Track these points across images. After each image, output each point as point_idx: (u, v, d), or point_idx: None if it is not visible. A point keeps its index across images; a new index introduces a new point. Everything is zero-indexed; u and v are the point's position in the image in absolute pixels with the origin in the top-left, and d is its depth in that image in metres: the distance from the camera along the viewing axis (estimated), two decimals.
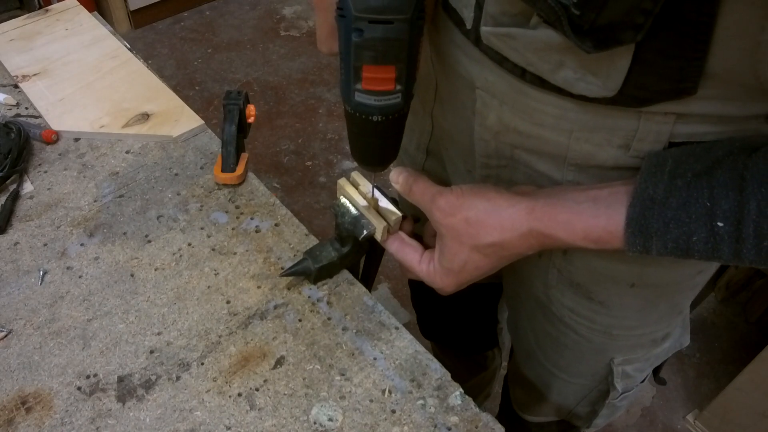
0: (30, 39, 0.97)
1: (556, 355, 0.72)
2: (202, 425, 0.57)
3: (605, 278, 0.59)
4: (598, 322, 0.64)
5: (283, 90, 2.40)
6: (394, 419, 0.57)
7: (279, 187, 2.02)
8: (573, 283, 0.62)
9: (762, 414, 1.31)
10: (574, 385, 0.75)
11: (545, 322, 0.70)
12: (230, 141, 0.75)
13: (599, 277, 0.60)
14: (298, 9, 2.83)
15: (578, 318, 0.65)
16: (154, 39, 2.63)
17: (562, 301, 0.65)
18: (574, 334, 0.67)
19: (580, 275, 0.61)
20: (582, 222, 0.46)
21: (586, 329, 0.66)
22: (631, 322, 0.64)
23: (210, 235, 0.72)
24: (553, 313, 0.67)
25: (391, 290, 1.76)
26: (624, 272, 0.58)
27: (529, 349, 0.77)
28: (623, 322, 0.64)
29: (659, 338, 0.68)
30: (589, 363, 0.71)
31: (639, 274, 0.58)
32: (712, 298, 1.76)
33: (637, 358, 0.69)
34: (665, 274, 0.59)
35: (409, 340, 0.63)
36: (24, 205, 0.75)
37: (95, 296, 0.66)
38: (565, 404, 0.80)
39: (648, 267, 0.57)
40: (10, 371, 0.60)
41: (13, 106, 0.87)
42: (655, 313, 0.63)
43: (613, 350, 0.68)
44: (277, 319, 0.65)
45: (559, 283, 0.63)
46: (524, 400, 0.87)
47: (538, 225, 0.48)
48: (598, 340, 0.66)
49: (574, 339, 0.68)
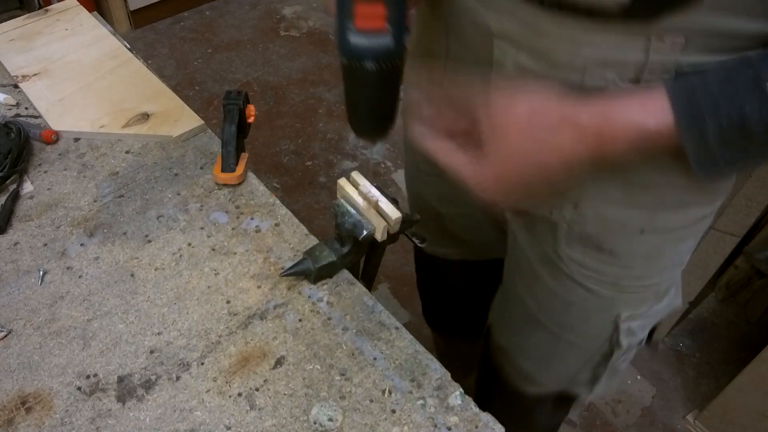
0: (30, 39, 0.97)
1: (563, 315, 0.74)
2: (202, 425, 0.57)
3: (616, 225, 0.62)
4: (607, 273, 0.66)
5: (283, 90, 2.40)
6: (394, 419, 0.57)
7: (279, 187, 2.02)
8: (583, 236, 0.64)
9: (762, 414, 1.31)
10: (579, 348, 0.76)
11: (553, 283, 0.71)
12: (230, 141, 0.75)
13: (610, 226, 0.62)
14: (298, 9, 2.83)
15: (587, 271, 0.67)
16: (154, 39, 2.63)
17: (572, 256, 0.66)
18: (583, 290, 0.69)
19: (591, 226, 0.63)
20: (635, 116, 0.46)
21: (595, 282, 0.67)
22: (639, 271, 0.66)
23: (210, 235, 0.72)
24: (561, 271, 0.69)
25: (391, 290, 1.76)
26: (635, 218, 0.61)
27: (528, 318, 0.78)
28: (631, 271, 0.66)
29: (662, 291, 0.71)
30: (596, 321, 0.72)
31: (648, 218, 0.60)
32: (712, 298, 1.76)
33: (641, 314, 0.71)
34: (672, 218, 0.61)
35: (409, 340, 0.63)
36: (24, 205, 0.75)
37: (95, 296, 0.66)
38: (567, 371, 0.81)
39: (657, 211, 0.60)
40: (10, 371, 0.60)
41: (13, 106, 0.87)
42: (661, 262, 0.66)
43: (620, 305, 0.70)
44: (277, 319, 0.65)
45: (569, 237, 0.65)
46: (521, 372, 0.87)
47: (596, 122, 0.47)
48: (606, 294, 0.68)
49: (582, 296, 0.69)
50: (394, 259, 1.82)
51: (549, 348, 0.79)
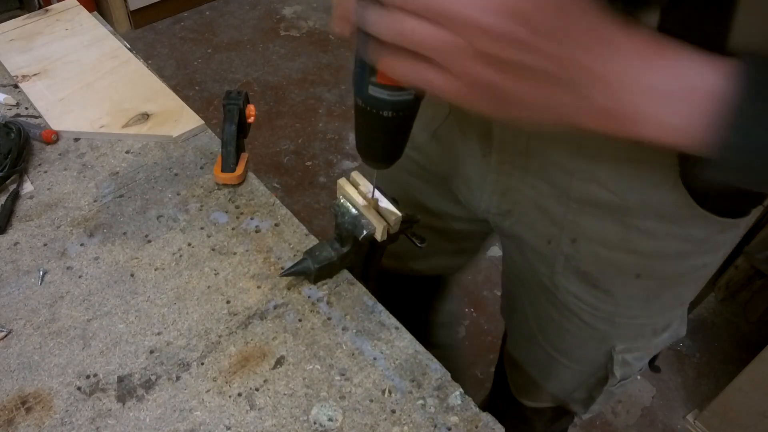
0: (30, 39, 0.97)
1: (557, 339, 0.73)
2: (202, 425, 0.57)
3: (612, 268, 0.60)
4: (602, 309, 0.64)
5: (283, 90, 2.40)
6: (394, 419, 0.57)
7: (279, 187, 2.02)
8: (579, 271, 0.62)
9: (762, 414, 1.31)
10: (573, 371, 0.76)
11: (549, 307, 0.70)
12: (230, 141, 0.75)
13: (606, 267, 0.60)
14: (298, 9, 2.83)
15: (582, 305, 0.65)
16: (154, 39, 2.63)
17: (568, 288, 0.65)
18: (578, 320, 0.67)
19: (588, 263, 0.61)
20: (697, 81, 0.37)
21: (589, 316, 0.66)
22: (635, 311, 0.64)
23: (210, 235, 0.72)
24: (557, 298, 0.67)
25: None
26: (631, 263, 0.58)
27: (529, 333, 0.77)
28: (627, 311, 0.64)
29: (660, 328, 0.69)
30: (590, 349, 0.71)
31: (645, 265, 0.58)
32: (712, 298, 1.76)
33: (638, 347, 0.70)
34: (671, 266, 0.59)
35: (409, 340, 0.63)
36: (24, 205, 0.75)
37: (95, 296, 0.66)
38: (563, 390, 0.80)
39: (654, 259, 0.57)
40: (10, 371, 0.60)
41: (13, 106, 0.87)
42: (659, 304, 0.64)
43: (615, 338, 0.68)
44: (277, 319, 0.65)
45: (566, 270, 0.63)
46: (521, 384, 0.87)
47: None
48: (600, 327, 0.67)
49: (577, 324, 0.68)
50: None
51: (546, 365, 0.78)
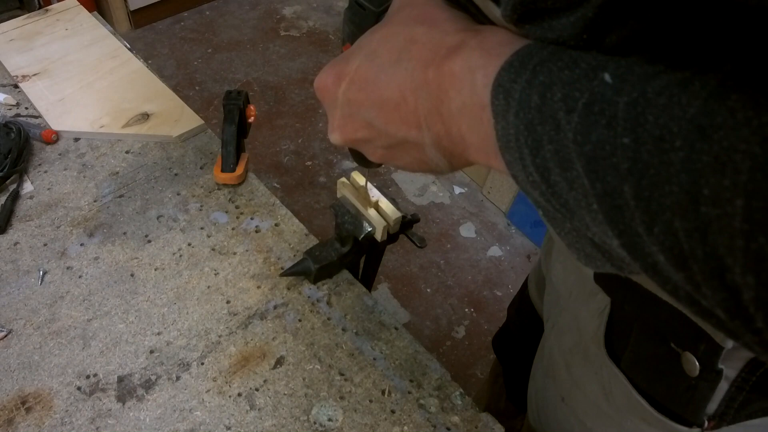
0: (30, 39, 0.97)
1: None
2: (202, 425, 0.57)
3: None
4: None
5: (283, 90, 2.40)
6: (394, 419, 0.57)
7: (279, 187, 2.02)
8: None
9: None
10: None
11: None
12: (230, 141, 0.75)
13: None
14: (298, 9, 2.83)
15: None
16: (154, 39, 2.63)
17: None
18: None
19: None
20: (477, 59, 0.32)
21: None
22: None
23: (210, 235, 0.72)
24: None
25: (391, 290, 1.76)
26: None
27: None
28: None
29: None
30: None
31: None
32: None
33: None
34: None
35: (409, 340, 0.63)
36: (24, 205, 0.75)
37: (95, 296, 0.66)
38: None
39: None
40: (10, 371, 0.60)
41: (13, 106, 0.87)
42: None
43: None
44: (277, 319, 0.65)
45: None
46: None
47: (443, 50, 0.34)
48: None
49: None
50: (394, 259, 1.82)
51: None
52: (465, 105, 0.32)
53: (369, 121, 0.38)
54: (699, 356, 0.43)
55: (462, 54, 0.32)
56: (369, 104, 0.37)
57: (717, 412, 0.46)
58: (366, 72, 0.37)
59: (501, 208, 2.00)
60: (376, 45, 0.37)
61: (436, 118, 0.34)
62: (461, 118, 0.33)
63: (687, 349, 0.44)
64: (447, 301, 1.75)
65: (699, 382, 0.44)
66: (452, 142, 0.35)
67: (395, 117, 0.36)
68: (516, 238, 1.93)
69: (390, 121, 0.37)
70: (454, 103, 0.33)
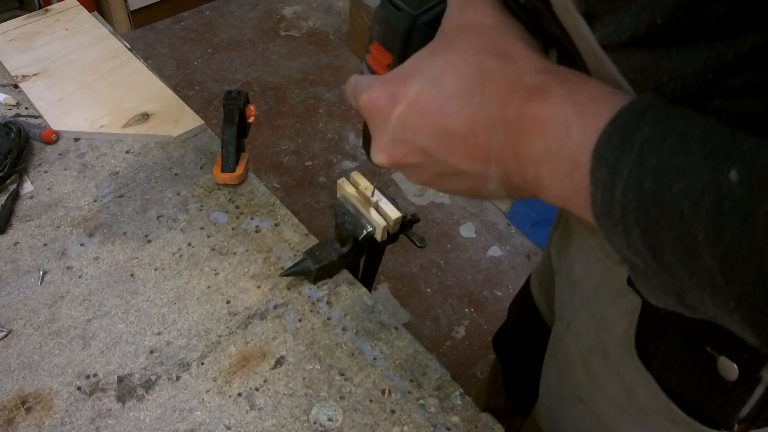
0: (30, 39, 0.97)
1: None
2: (202, 425, 0.57)
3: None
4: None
5: (283, 90, 2.40)
6: (394, 419, 0.57)
7: (279, 187, 2.02)
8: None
9: None
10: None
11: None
12: (230, 141, 0.75)
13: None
14: (298, 9, 2.83)
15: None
16: (154, 39, 2.63)
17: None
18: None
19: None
20: (569, 109, 0.32)
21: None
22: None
23: (210, 235, 0.72)
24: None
25: (391, 290, 1.76)
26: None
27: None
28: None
29: None
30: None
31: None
32: None
33: None
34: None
35: (409, 340, 0.63)
36: (24, 205, 0.75)
37: (95, 296, 0.66)
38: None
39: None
40: (10, 371, 0.60)
41: (13, 106, 0.87)
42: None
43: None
44: (277, 319, 0.65)
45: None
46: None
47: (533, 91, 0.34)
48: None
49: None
50: (394, 259, 1.82)
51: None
52: (550, 154, 0.32)
53: (425, 149, 0.37)
54: (741, 364, 0.42)
55: (550, 102, 0.32)
56: (428, 132, 0.36)
57: (749, 416, 0.45)
58: (429, 99, 0.36)
59: (501, 208, 2.00)
60: (440, 71, 0.36)
61: (510, 157, 0.34)
62: (542, 164, 0.33)
63: (724, 353, 0.43)
64: (447, 301, 1.75)
65: (736, 386, 0.43)
66: (524, 181, 0.35)
67: (460, 149, 0.35)
68: (516, 238, 1.92)
69: (452, 152, 0.36)
70: (536, 148, 0.32)
